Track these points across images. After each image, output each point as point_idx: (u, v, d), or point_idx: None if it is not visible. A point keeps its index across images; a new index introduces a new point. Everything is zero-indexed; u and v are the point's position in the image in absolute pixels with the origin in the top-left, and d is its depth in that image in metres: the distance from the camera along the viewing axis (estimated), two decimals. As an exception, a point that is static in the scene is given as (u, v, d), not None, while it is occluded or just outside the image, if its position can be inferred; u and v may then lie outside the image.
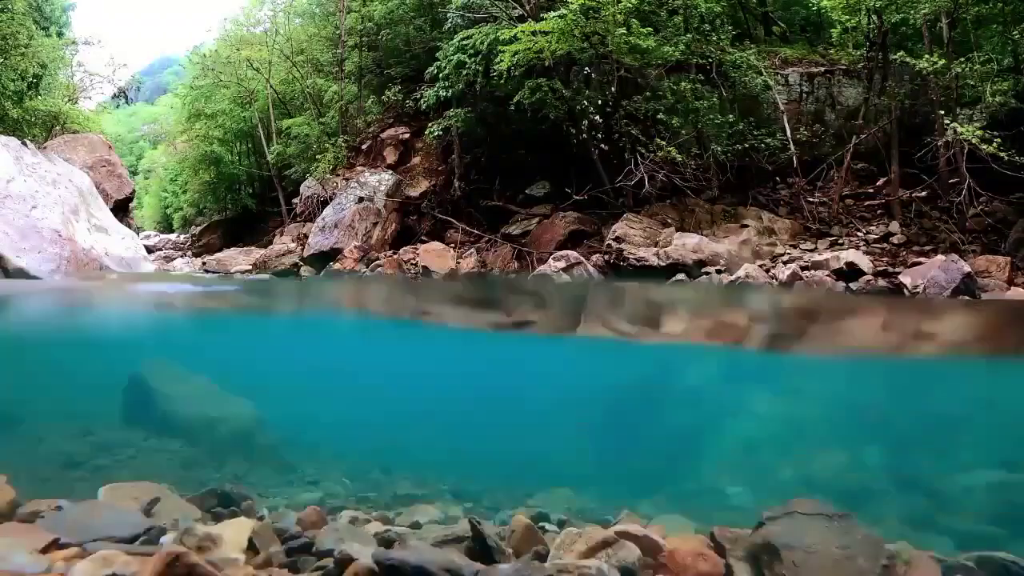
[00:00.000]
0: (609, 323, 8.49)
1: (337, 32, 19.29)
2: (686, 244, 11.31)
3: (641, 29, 12.19)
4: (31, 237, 9.43)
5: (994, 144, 9.63)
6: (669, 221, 12.30)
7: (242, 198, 24.16)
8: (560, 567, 2.92)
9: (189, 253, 20.85)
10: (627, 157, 12.37)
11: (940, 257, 9.65)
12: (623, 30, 12.07)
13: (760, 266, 10.71)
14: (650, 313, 8.99)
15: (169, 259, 18.52)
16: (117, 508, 3.61)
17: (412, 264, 13.88)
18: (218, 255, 18.08)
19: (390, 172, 16.31)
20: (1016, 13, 10.69)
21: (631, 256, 11.45)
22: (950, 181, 11.02)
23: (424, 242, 14.68)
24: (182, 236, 27.08)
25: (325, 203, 16.32)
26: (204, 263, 17.26)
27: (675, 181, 12.34)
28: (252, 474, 5.92)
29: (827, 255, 10.59)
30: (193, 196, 27.22)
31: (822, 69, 14.09)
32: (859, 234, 11.61)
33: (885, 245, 11.21)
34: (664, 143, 12.00)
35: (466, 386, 8.07)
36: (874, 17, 12.38)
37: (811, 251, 11.28)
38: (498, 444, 6.30)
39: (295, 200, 18.33)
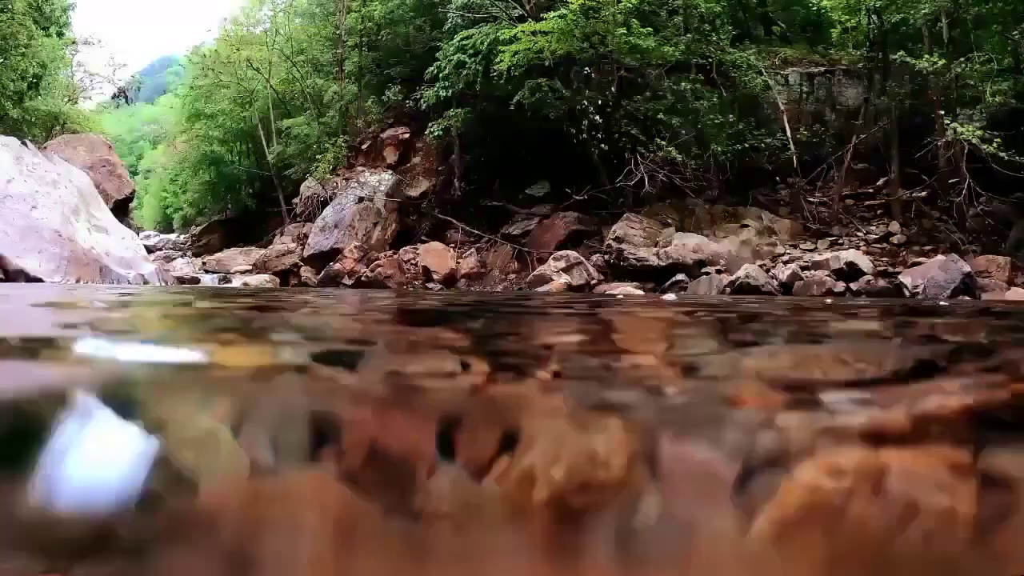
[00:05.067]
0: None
1: (337, 32, 19.29)
2: (686, 244, 11.32)
3: (641, 29, 12.20)
4: (31, 237, 9.44)
5: (994, 144, 9.64)
6: (669, 221, 12.31)
7: (242, 198, 24.13)
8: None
9: (189, 253, 20.85)
10: (627, 157, 12.37)
11: (940, 257, 9.66)
12: (623, 30, 12.07)
13: (760, 266, 10.71)
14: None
15: (169, 259, 18.52)
16: None
17: (412, 264, 13.88)
18: (218, 255, 18.09)
19: (390, 172, 16.31)
20: (1016, 13, 10.69)
21: (631, 256, 11.46)
22: (950, 181, 11.02)
23: (424, 242, 14.68)
24: (182, 236, 27.06)
25: (325, 203, 16.33)
26: (204, 263, 17.27)
27: (675, 181, 12.35)
28: None
29: (827, 255, 10.60)
30: (193, 196, 27.19)
31: (822, 69, 14.09)
32: (859, 234, 11.62)
33: (885, 245, 11.22)
34: (664, 143, 12.00)
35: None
36: (874, 17, 12.38)
37: (811, 251, 11.29)
38: None
39: (295, 200, 18.32)
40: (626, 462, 0.73)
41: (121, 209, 18.04)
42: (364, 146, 17.55)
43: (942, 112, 10.88)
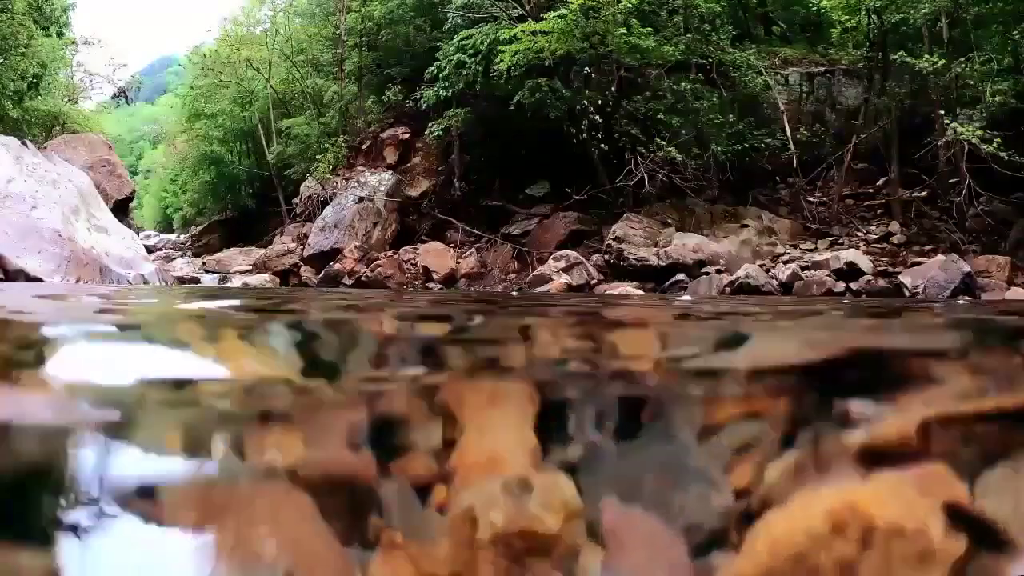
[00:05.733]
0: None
1: (337, 32, 19.29)
2: (686, 244, 11.32)
3: (641, 29, 12.20)
4: (31, 237, 9.42)
5: (994, 144, 9.63)
6: (669, 221, 12.31)
7: (242, 198, 24.12)
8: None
9: (189, 253, 20.85)
10: (627, 157, 12.37)
11: (940, 257, 9.65)
12: (623, 30, 12.07)
13: (760, 266, 10.71)
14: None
15: (169, 259, 18.51)
16: None
17: (412, 264, 13.88)
18: (218, 255, 18.08)
19: (390, 172, 16.31)
20: (1016, 13, 10.69)
21: (631, 256, 11.46)
22: (950, 181, 11.02)
23: (424, 242, 14.68)
24: (182, 236, 27.06)
25: (325, 203, 16.32)
26: (204, 263, 17.27)
27: (675, 181, 12.34)
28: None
29: (827, 255, 10.59)
30: (193, 196, 27.20)
31: (822, 69, 14.09)
32: (859, 234, 11.62)
33: (885, 245, 11.22)
34: (664, 143, 12.00)
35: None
36: (874, 17, 12.38)
37: (811, 251, 11.28)
38: None
39: (295, 200, 18.32)
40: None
41: (121, 209, 18.03)
42: (364, 146, 17.55)
43: (942, 112, 10.87)
